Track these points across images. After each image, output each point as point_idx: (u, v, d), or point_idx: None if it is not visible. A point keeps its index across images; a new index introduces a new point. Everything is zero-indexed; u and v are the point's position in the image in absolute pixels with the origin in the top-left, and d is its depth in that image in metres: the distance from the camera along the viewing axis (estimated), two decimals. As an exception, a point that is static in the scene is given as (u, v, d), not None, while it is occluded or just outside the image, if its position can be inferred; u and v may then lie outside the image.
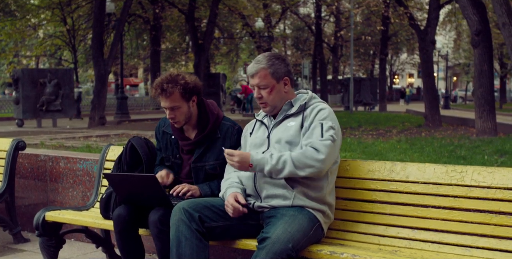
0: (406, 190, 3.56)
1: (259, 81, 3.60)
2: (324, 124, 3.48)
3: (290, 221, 3.33)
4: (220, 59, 47.75)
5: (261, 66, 3.59)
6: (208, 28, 25.94)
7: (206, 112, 3.96)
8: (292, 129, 3.55)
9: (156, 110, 34.81)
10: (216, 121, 3.95)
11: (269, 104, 3.63)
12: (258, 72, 3.59)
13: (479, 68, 15.49)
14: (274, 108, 3.66)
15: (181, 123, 3.90)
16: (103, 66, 21.09)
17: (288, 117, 3.62)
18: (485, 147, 12.24)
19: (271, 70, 3.60)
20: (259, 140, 3.65)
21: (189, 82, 3.85)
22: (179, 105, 3.83)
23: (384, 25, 30.70)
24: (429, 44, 20.51)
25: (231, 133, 3.94)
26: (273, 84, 3.61)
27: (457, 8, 29.45)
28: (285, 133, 3.56)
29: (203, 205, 3.50)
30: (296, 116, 3.61)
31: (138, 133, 17.66)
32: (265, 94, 3.61)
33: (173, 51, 41.42)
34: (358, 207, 3.69)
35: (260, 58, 3.64)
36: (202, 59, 25.34)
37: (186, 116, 3.88)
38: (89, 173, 5.48)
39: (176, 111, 3.84)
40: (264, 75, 3.59)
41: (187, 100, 3.86)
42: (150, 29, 32.20)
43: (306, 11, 47.24)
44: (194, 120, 3.96)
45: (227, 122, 3.99)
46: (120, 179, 3.73)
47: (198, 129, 3.95)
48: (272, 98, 3.62)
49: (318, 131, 3.46)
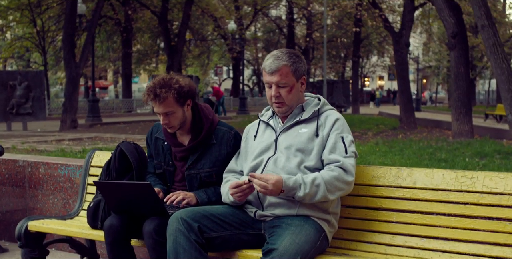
0: (413, 197, 3.40)
1: (280, 78, 3.34)
2: (345, 138, 3.33)
3: (297, 231, 3.14)
4: (192, 61, 47.44)
5: (283, 63, 3.34)
6: (181, 30, 25.70)
7: (200, 116, 3.77)
8: (304, 136, 3.36)
9: (128, 113, 34.38)
10: (211, 126, 3.75)
11: (286, 104, 3.40)
12: (279, 69, 3.33)
13: (456, 70, 15.53)
14: (290, 109, 3.44)
15: (176, 128, 3.70)
16: (74, 68, 20.72)
17: (299, 123, 3.42)
18: (464, 150, 12.22)
19: (293, 67, 3.36)
20: (265, 144, 3.44)
21: (183, 85, 3.64)
22: (173, 110, 3.63)
23: (357, 28, 30.71)
24: (404, 46, 20.57)
25: (227, 139, 3.74)
26: (293, 83, 3.37)
27: (430, 10, 29.65)
28: (296, 139, 3.36)
29: (202, 214, 3.29)
30: (309, 123, 3.41)
31: (112, 137, 17.35)
32: (284, 93, 3.37)
33: (145, 53, 41.01)
34: (362, 215, 3.52)
35: (279, 54, 3.37)
36: (175, 61, 25.09)
37: (180, 121, 3.69)
38: (71, 180, 5.24)
39: (170, 117, 3.64)
40: (286, 72, 3.34)
41: (182, 105, 3.66)
42: (121, 31, 31.82)
43: (277, 14, 47.18)
44: (188, 125, 3.76)
45: (222, 127, 3.79)
46: (112, 187, 3.51)
47: (192, 134, 3.75)
48: (291, 97, 3.39)
49: (341, 146, 3.30)
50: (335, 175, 3.21)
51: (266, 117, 3.58)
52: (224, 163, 3.69)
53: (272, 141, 3.43)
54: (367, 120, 26.50)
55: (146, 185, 3.33)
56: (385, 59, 59.94)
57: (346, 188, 3.26)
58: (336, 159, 3.26)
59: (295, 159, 3.32)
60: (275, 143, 3.41)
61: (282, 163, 3.33)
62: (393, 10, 30.98)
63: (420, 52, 55.49)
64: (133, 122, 24.97)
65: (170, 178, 3.82)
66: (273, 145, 3.41)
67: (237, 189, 3.24)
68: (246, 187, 3.23)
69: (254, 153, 3.46)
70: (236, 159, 3.65)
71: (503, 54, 11.48)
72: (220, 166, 3.69)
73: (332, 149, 3.31)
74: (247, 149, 3.56)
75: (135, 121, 25.72)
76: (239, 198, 3.28)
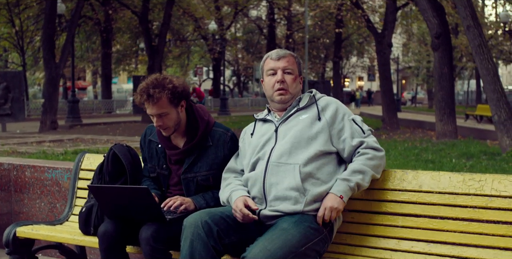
0: (419, 200, 3.30)
1: (287, 64, 3.39)
2: (355, 120, 3.35)
3: (275, 236, 2.96)
4: (171, 62, 47.19)
5: (289, 53, 3.44)
6: (162, 30, 25.49)
7: (195, 118, 3.63)
8: (306, 121, 3.31)
9: (108, 114, 34.06)
10: (206, 127, 3.62)
11: (290, 91, 3.40)
12: (286, 56, 3.42)
13: (439, 71, 15.53)
14: (291, 99, 3.41)
15: (171, 130, 3.55)
16: (54, 68, 20.44)
17: (298, 111, 3.38)
18: (450, 151, 12.20)
19: (296, 60, 3.46)
20: (265, 137, 3.35)
21: (177, 85, 3.51)
22: (167, 111, 3.49)
23: (338, 28, 30.72)
24: (386, 47, 20.55)
25: (223, 140, 3.61)
26: (297, 74, 3.45)
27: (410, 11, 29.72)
28: (298, 126, 3.31)
29: (219, 216, 3.14)
30: (307, 109, 3.38)
31: (93, 138, 17.12)
32: (289, 80, 3.40)
33: (124, 53, 40.68)
34: (366, 220, 3.41)
35: (284, 49, 3.53)
36: (156, 61, 24.85)
37: (175, 123, 3.54)
38: (58, 183, 5.08)
39: (164, 118, 3.50)
40: (292, 61, 3.43)
41: (176, 106, 3.52)
42: (100, 31, 31.51)
43: (258, 14, 47.08)
44: (183, 127, 3.62)
45: (219, 128, 3.66)
46: (106, 192, 3.37)
47: (187, 137, 3.61)
48: (294, 86, 3.42)
49: (357, 128, 3.32)
50: (368, 156, 3.25)
51: (263, 115, 3.53)
52: (221, 165, 3.57)
53: (272, 132, 3.36)
54: (349, 120, 26.41)
55: (143, 189, 3.20)
56: (365, 59, 60.09)
57: (382, 163, 3.31)
58: (361, 142, 3.29)
59: (300, 146, 3.24)
60: (275, 133, 3.34)
61: (288, 151, 3.23)
62: (374, 10, 31.00)
63: (400, 52, 55.70)
64: (114, 123, 24.69)
65: (165, 182, 3.68)
66: (273, 136, 3.34)
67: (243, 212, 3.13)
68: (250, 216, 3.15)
69: (255, 148, 3.36)
70: (236, 158, 3.55)
71: (489, 55, 11.48)
72: (217, 169, 3.57)
73: (352, 134, 3.31)
74: (245, 147, 3.47)
75: (115, 122, 25.44)
76: (241, 221, 3.17)
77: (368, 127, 3.37)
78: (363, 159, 3.24)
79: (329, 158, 3.29)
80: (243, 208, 3.13)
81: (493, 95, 11.31)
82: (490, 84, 11.34)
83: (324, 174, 3.23)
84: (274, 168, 3.22)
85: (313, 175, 3.20)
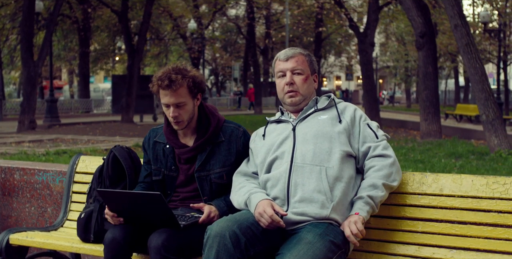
0: (440, 204, 3.15)
1: (295, 64, 3.23)
2: (370, 125, 3.21)
3: (302, 252, 2.77)
4: (149, 61, 46.81)
5: (299, 51, 3.27)
6: (142, 28, 25.18)
7: (206, 114, 3.46)
8: (326, 122, 3.16)
9: (86, 114, 33.60)
10: (218, 123, 3.45)
11: (300, 93, 3.24)
12: (295, 56, 3.24)
13: (424, 70, 15.48)
14: (303, 100, 3.26)
15: (184, 123, 3.36)
16: (32, 67, 20.05)
17: (316, 111, 3.24)
18: (437, 150, 12.16)
19: (307, 58, 3.28)
20: (282, 137, 3.18)
21: (197, 75, 3.36)
22: (186, 101, 3.31)
23: (318, 27, 30.63)
24: (369, 46, 20.49)
25: (236, 135, 3.44)
26: (308, 73, 3.27)
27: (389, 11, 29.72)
28: (318, 125, 3.16)
29: (246, 225, 2.92)
30: (326, 111, 3.24)
31: (73, 138, 16.84)
32: (299, 81, 3.23)
33: (102, 52, 40.22)
34: (384, 225, 3.25)
35: (293, 47, 3.32)
36: (136, 60, 24.55)
37: (190, 116, 3.37)
38: (49, 186, 4.85)
39: (181, 109, 3.31)
40: (302, 60, 3.25)
41: (193, 97, 3.36)
42: (78, 30, 31.08)
43: (236, 13, 46.84)
44: (193, 124, 3.44)
45: (230, 124, 3.50)
46: (116, 196, 3.16)
47: (197, 134, 3.43)
48: (306, 87, 3.25)
49: (370, 132, 3.17)
50: (375, 168, 3.09)
51: (276, 117, 3.38)
52: (234, 162, 3.40)
53: (289, 130, 3.20)
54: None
55: (156, 195, 2.99)
56: (343, 59, 60.16)
57: (393, 170, 3.11)
58: (368, 147, 3.15)
59: (324, 146, 3.09)
60: (293, 132, 3.18)
61: (312, 151, 3.07)
62: (355, 10, 30.97)
63: (378, 52, 55.81)
64: (93, 123, 24.35)
65: (172, 184, 3.47)
66: (291, 135, 3.18)
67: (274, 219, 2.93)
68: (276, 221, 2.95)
69: (270, 147, 3.20)
70: (247, 162, 3.37)
71: (477, 54, 11.43)
72: (231, 165, 3.38)
73: (364, 138, 3.17)
74: (257, 148, 3.30)
75: (94, 122, 25.10)
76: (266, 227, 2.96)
77: (383, 133, 3.23)
78: (371, 173, 3.10)
79: (351, 162, 3.15)
80: (273, 214, 2.92)
81: (481, 95, 11.26)
82: (478, 83, 11.29)
83: (347, 178, 3.08)
84: (299, 169, 3.05)
85: (339, 178, 3.05)
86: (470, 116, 26.30)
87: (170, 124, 3.43)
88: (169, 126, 3.45)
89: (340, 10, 21.55)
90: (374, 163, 3.10)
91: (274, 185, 3.09)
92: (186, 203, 3.38)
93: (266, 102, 49.77)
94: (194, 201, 3.36)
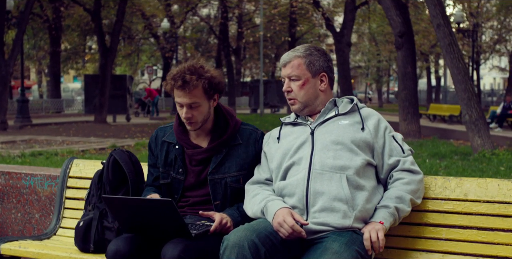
0: (465, 210, 3.00)
1: (290, 71, 3.02)
2: (396, 137, 3.01)
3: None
4: (121, 60, 46.26)
5: (295, 54, 3.04)
6: (115, 27, 24.78)
7: (224, 115, 3.25)
8: (348, 128, 2.96)
9: (57, 114, 33.01)
10: (236, 125, 3.25)
11: (298, 100, 3.03)
12: (291, 60, 3.03)
13: (403, 70, 15.43)
14: (305, 107, 3.05)
15: (198, 125, 3.15)
16: (4, 66, 19.58)
17: (336, 116, 3.02)
18: (419, 151, 12.08)
19: (306, 60, 3.03)
20: (299, 141, 2.98)
21: (215, 76, 3.13)
22: (200, 102, 3.10)
23: (292, 27, 30.55)
24: (345, 46, 20.43)
25: (254, 138, 3.24)
26: (306, 77, 3.03)
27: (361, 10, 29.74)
28: (339, 131, 2.95)
29: (264, 234, 2.73)
30: (348, 115, 3.03)
31: (47, 139, 16.45)
32: (296, 88, 3.02)
33: (73, 52, 39.60)
34: (405, 232, 3.09)
35: (297, 47, 3.12)
36: (109, 60, 24.16)
37: (204, 117, 3.15)
38: (37, 191, 4.60)
39: (194, 110, 3.10)
40: (298, 64, 3.02)
41: (209, 98, 3.14)
42: (49, 29, 30.54)
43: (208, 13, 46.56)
44: (209, 125, 3.22)
45: (247, 126, 3.30)
46: (125, 204, 2.94)
47: (212, 135, 3.22)
48: (303, 93, 3.03)
49: (397, 146, 2.99)
50: (404, 181, 2.93)
51: (291, 119, 3.16)
52: (251, 165, 3.20)
53: (307, 135, 2.99)
54: (305, 120, 26.22)
55: (168, 202, 2.77)
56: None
57: (420, 187, 2.98)
58: (397, 161, 2.97)
59: (344, 153, 2.89)
60: (311, 136, 2.97)
61: (332, 158, 2.88)
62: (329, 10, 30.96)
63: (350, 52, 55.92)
64: (65, 124, 23.87)
65: (178, 188, 3.24)
66: (309, 139, 2.97)
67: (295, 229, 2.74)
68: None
69: (286, 152, 2.99)
70: (259, 168, 3.17)
71: (459, 54, 11.37)
72: (248, 169, 3.19)
73: (390, 151, 2.97)
74: (272, 151, 3.09)
75: (67, 122, 24.62)
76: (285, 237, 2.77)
77: (408, 147, 3.04)
78: (398, 184, 2.93)
79: (371, 171, 2.97)
80: (294, 223, 2.73)
81: (464, 95, 11.21)
82: (461, 83, 11.23)
83: (370, 187, 2.90)
84: (317, 176, 2.85)
85: (361, 187, 2.86)
86: (443, 116, 26.40)
87: (182, 123, 3.22)
88: (181, 125, 3.24)
89: (318, 10, 21.44)
90: (403, 176, 2.94)
91: (291, 194, 2.90)
92: (195, 208, 3.16)
93: (239, 102, 49.62)
94: (204, 206, 3.16)
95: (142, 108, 34.82)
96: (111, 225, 3.32)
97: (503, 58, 53.01)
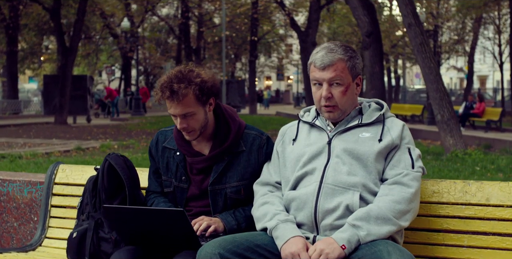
0: (487, 215, 2.85)
1: (334, 75, 2.70)
2: (412, 151, 2.74)
3: None
4: (79, 60, 45.50)
5: (338, 57, 2.70)
6: (76, 27, 24.29)
7: (225, 118, 3.02)
8: (368, 143, 2.70)
9: (15, 115, 32.20)
10: (239, 130, 3.02)
11: (339, 107, 2.74)
12: (334, 63, 2.70)
13: (370, 70, 15.37)
14: (342, 115, 2.78)
15: (196, 133, 2.93)
16: (-40, 67, 19.00)
17: (359, 127, 2.77)
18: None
19: (350, 63, 2.73)
20: (315, 148, 2.74)
21: (206, 80, 2.88)
22: (194, 111, 2.87)
23: (254, 27, 30.42)
24: (310, 45, 20.36)
25: (258, 145, 3.01)
26: (349, 82, 2.74)
27: (327, 11, 29.82)
28: (358, 144, 2.70)
29: (246, 245, 2.54)
30: (371, 127, 2.76)
31: (8, 141, 16.00)
32: (338, 94, 2.72)
33: (30, 51, 38.74)
34: (424, 239, 2.93)
35: (332, 47, 2.75)
36: (69, 60, 23.65)
37: (201, 124, 2.92)
38: (16, 199, 4.32)
39: (189, 119, 2.88)
40: (342, 68, 2.71)
41: (204, 104, 2.91)
42: (6, 28, 29.81)
43: (167, 12, 46.14)
44: (209, 130, 3.00)
45: (251, 131, 3.05)
46: (128, 214, 2.71)
47: (214, 141, 2.99)
48: (345, 100, 2.73)
49: (407, 158, 2.71)
50: (393, 198, 2.61)
51: (311, 117, 2.89)
52: (253, 174, 2.98)
53: (324, 144, 2.75)
54: (268, 120, 26.16)
55: (179, 212, 2.55)
56: (273, 59, 60.29)
57: (413, 207, 2.65)
58: (398, 173, 2.68)
59: (359, 169, 2.67)
60: (328, 147, 2.74)
61: (346, 173, 2.66)
62: (293, 10, 30.96)
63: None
64: (25, 125, 23.31)
65: (182, 197, 3.03)
66: (326, 149, 2.74)
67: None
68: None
69: (299, 159, 2.77)
70: (268, 165, 2.95)
71: (431, 54, 11.37)
72: (250, 179, 2.97)
73: (395, 162, 2.70)
74: (285, 153, 2.86)
75: (26, 124, 24.03)
76: None
77: (421, 165, 2.77)
78: (387, 201, 2.61)
79: None
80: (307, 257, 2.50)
81: (435, 94, 11.19)
82: (432, 83, 11.22)
83: None
84: (328, 191, 2.65)
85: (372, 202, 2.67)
86: (405, 116, 26.58)
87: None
88: (180, 131, 3.02)
89: (283, 9, 21.33)
90: (395, 191, 2.64)
91: (300, 208, 2.70)
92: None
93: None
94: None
95: (102, 109, 34.28)
96: (107, 236, 3.07)
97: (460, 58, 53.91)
